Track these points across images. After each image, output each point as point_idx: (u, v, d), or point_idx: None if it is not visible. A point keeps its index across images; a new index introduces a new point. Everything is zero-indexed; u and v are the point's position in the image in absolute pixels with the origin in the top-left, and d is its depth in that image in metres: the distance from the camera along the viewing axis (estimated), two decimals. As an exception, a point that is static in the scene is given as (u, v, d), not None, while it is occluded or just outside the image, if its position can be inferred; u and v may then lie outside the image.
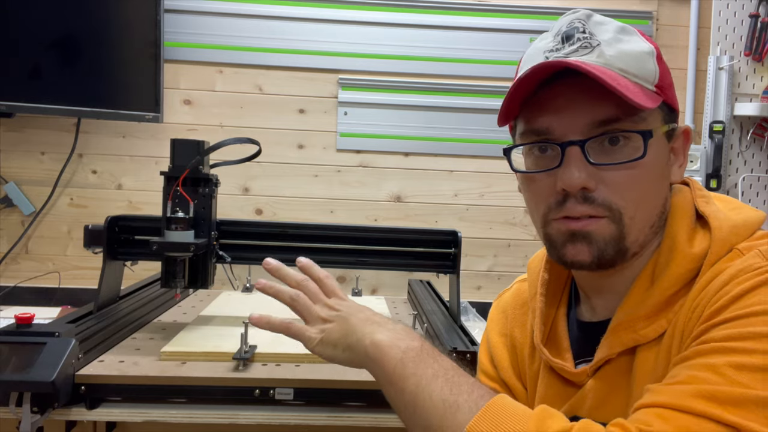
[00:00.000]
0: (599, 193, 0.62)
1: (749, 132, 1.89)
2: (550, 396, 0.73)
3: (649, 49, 0.64)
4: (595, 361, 0.67)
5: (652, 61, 0.64)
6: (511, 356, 0.82)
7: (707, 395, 0.50)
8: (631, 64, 0.62)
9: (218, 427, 1.01)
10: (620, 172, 0.62)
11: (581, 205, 0.62)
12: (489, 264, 1.90)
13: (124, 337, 1.17)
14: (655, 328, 0.62)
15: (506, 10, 1.86)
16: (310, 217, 1.86)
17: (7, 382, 0.89)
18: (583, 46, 0.63)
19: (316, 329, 0.73)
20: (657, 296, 0.63)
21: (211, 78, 1.83)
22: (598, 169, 0.62)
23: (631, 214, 0.63)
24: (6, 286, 1.77)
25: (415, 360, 0.63)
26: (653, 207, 0.65)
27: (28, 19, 1.60)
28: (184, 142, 1.16)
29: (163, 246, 1.10)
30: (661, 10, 1.90)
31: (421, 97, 1.86)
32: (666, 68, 0.66)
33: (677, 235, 0.65)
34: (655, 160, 0.63)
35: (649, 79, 0.63)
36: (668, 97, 0.65)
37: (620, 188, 0.62)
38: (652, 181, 0.64)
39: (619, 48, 0.63)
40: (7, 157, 1.78)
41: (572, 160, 0.62)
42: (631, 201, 0.63)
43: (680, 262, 0.63)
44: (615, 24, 0.65)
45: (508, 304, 0.85)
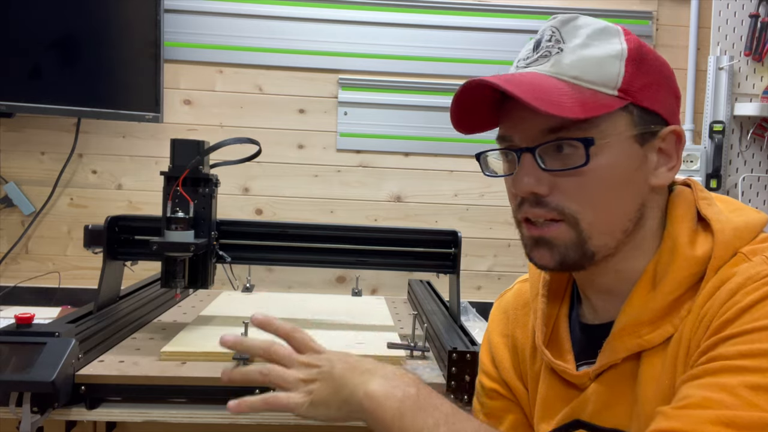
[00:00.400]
0: (552, 198, 0.64)
1: (749, 132, 1.89)
2: (550, 398, 0.73)
3: (617, 52, 0.63)
4: (598, 365, 0.66)
5: (617, 64, 0.63)
6: (512, 357, 0.81)
7: (726, 421, 0.50)
8: (587, 70, 0.63)
9: (218, 427, 1.01)
10: (570, 179, 0.63)
11: (535, 209, 0.65)
12: (489, 264, 1.90)
13: (124, 337, 1.17)
14: (660, 333, 0.62)
15: (506, 10, 1.86)
16: (310, 217, 1.86)
17: (7, 382, 0.89)
18: (543, 55, 0.65)
19: (301, 393, 0.67)
20: (660, 300, 0.63)
21: (211, 78, 1.83)
22: (553, 175, 0.63)
23: (589, 219, 0.63)
24: (6, 286, 1.77)
25: (413, 409, 0.62)
26: (618, 212, 0.64)
27: (28, 19, 1.60)
28: (184, 142, 1.16)
29: (163, 246, 1.10)
30: (661, 10, 1.90)
31: (421, 97, 1.86)
32: (645, 70, 0.64)
33: (678, 237, 0.64)
34: (613, 165, 0.63)
35: (608, 84, 0.62)
36: (640, 99, 0.63)
37: (573, 194, 0.63)
38: (611, 186, 0.63)
39: (580, 54, 0.63)
40: (7, 157, 1.78)
41: (524, 166, 0.64)
42: (585, 206, 0.63)
43: (682, 265, 0.62)
44: (593, 28, 0.65)
45: (510, 305, 0.84)
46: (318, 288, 1.86)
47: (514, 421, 0.80)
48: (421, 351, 1.13)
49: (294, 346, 0.71)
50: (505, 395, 0.81)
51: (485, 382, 0.83)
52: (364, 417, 0.65)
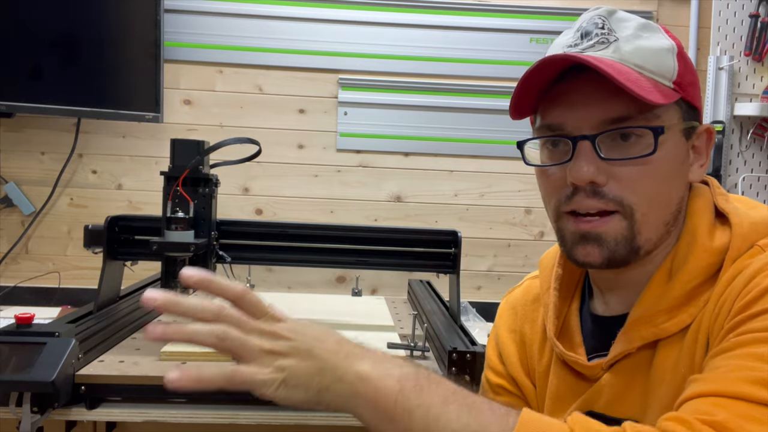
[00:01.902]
0: (610, 188, 0.62)
1: (749, 132, 1.89)
2: (562, 390, 0.73)
3: (669, 45, 0.64)
4: (612, 355, 0.66)
5: (671, 57, 0.64)
6: (520, 352, 0.81)
7: (761, 381, 0.50)
8: (648, 59, 0.63)
9: (218, 427, 1.01)
10: (631, 168, 0.62)
11: (590, 200, 0.62)
12: (489, 264, 1.90)
13: (124, 337, 1.17)
14: (676, 322, 0.62)
15: (506, 10, 1.86)
16: (310, 217, 1.86)
17: (7, 382, 0.89)
18: (600, 41, 0.63)
19: (269, 369, 0.54)
20: (677, 289, 0.63)
21: (211, 78, 1.83)
22: (610, 165, 0.62)
23: (644, 210, 0.63)
24: (6, 286, 1.77)
25: (416, 388, 0.55)
26: (667, 204, 0.65)
27: (28, 19, 1.60)
28: (184, 142, 1.16)
29: (163, 246, 1.10)
30: (661, 10, 1.90)
31: (421, 97, 1.86)
32: (688, 66, 0.66)
33: (697, 230, 0.65)
34: (668, 157, 0.63)
35: (666, 76, 0.63)
36: (688, 95, 0.65)
37: (631, 184, 0.62)
38: (665, 178, 0.64)
39: (638, 44, 0.63)
40: (7, 157, 1.78)
41: (582, 154, 0.62)
42: (643, 197, 0.62)
43: (700, 256, 0.63)
44: (637, 21, 0.66)
45: (518, 301, 0.85)
46: (318, 288, 1.86)
47: None
48: (421, 351, 1.13)
49: (247, 312, 0.57)
50: (511, 391, 0.81)
51: (491, 378, 0.83)
52: (352, 405, 0.56)
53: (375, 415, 0.55)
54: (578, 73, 0.63)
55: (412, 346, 1.12)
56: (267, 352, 0.55)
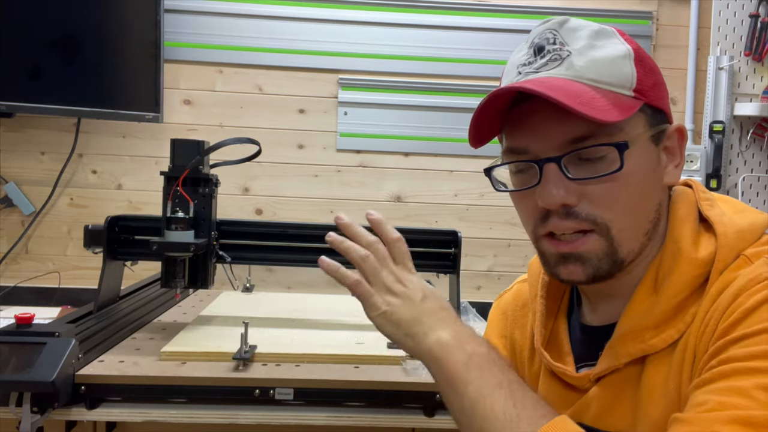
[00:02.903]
0: (582, 208, 0.62)
1: (749, 132, 1.89)
2: (550, 400, 0.71)
3: (624, 52, 0.62)
4: (600, 369, 0.66)
5: (628, 64, 0.61)
6: (510, 358, 0.81)
7: (741, 421, 0.49)
8: (603, 72, 0.61)
9: (218, 427, 1.01)
10: (601, 186, 0.61)
11: (564, 221, 0.62)
12: (489, 264, 1.90)
13: (124, 337, 1.17)
14: (663, 338, 0.61)
15: (506, 10, 1.86)
16: (310, 217, 1.86)
17: (7, 382, 0.89)
18: (553, 58, 0.62)
19: (382, 299, 0.66)
20: (664, 304, 0.62)
21: (211, 78, 1.83)
22: (580, 184, 0.61)
23: (620, 225, 0.62)
24: (6, 286, 1.77)
25: (480, 366, 0.61)
26: (644, 214, 0.64)
27: (28, 18, 1.60)
28: (184, 142, 1.16)
29: (163, 246, 1.10)
30: (661, 10, 1.90)
31: (421, 97, 1.86)
32: (648, 68, 0.63)
33: (681, 239, 0.63)
34: (638, 168, 0.62)
35: (625, 85, 0.61)
36: (652, 99, 0.63)
37: (603, 201, 0.61)
38: (638, 189, 0.62)
39: (591, 56, 0.61)
40: (7, 157, 1.78)
41: (550, 178, 0.61)
42: (617, 212, 0.62)
43: (685, 269, 0.62)
44: (590, 29, 0.63)
45: (509, 306, 0.84)
46: (318, 288, 1.85)
47: None
48: (421, 351, 1.13)
49: (393, 254, 0.71)
50: None
51: None
52: (426, 359, 0.64)
53: (440, 374, 0.63)
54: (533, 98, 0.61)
55: (412, 346, 1.12)
56: (386, 287, 0.67)
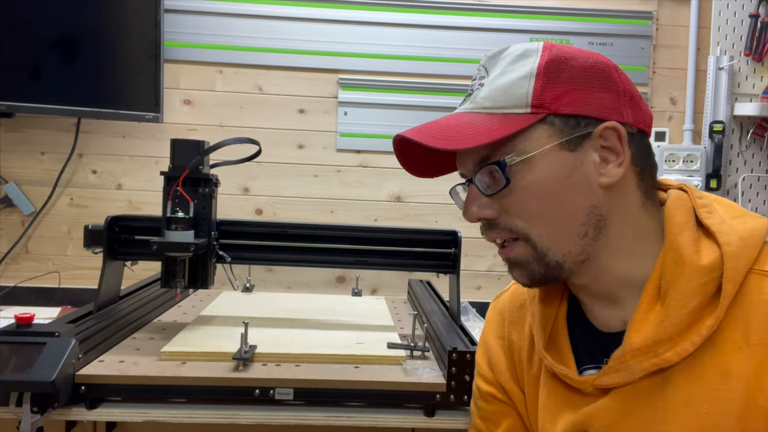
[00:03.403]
0: (502, 219, 0.67)
1: (749, 132, 1.89)
2: (552, 403, 0.72)
3: (526, 72, 0.65)
4: (611, 382, 0.65)
5: (526, 83, 0.65)
6: (508, 359, 0.81)
7: None
8: (498, 98, 0.66)
9: (218, 427, 1.01)
10: (509, 199, 0.66)
11: (489, 232, 0.69)
12: (489, 264, 1.90)
13: (124, 337, 1.17)
14: (677, 351, 0.61)
15: (506, 10, 1.86)
16: (310, 217, 1.86)
17: (7, 382, 0.89)
18: (468, 94, 0.71)
19: None
20: (674, 316, 0.61)
21: (211, 78, 1.83)
22: (497, 199, 0.67)
23: (538, 231, 0.66)
24: (6, 286, 1.77)
25: None
26: (565, 220, 0.65)
27: (28, 18, 1.60)
28: (184, 142, 1.16)
29: (163, 246, 1.10)
30: (661, 10, 1.90)
31: (421, 97, 1.86)
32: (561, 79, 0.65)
33: (682, 247, 0.63)
34: (544, 176, 0.64)
35: (519, 104, 0.65)
36: (559, 108, 0.64)
37: (515, 212, 0.66)
38: (545, 197, 0.65)
39: (494, 85, 0.67)
40: (7, 157, 1.78)
41: (469, 196, 0.70)
42: (531, 221, 0.66)
43: (690, 276, 0.61)
44: (515, 54, 0.68)
45: (506, 306, 0.84)
46: (318, 288, 1.86)
47: (511, 425, 0.79)
48: (421, 351, 1.13)
49: None
50: (501, 399, 0.81)
51: (481, 385, 0.83)
52: None
53: None
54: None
55: (412, 346, 1.13)
56: None
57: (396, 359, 1.09)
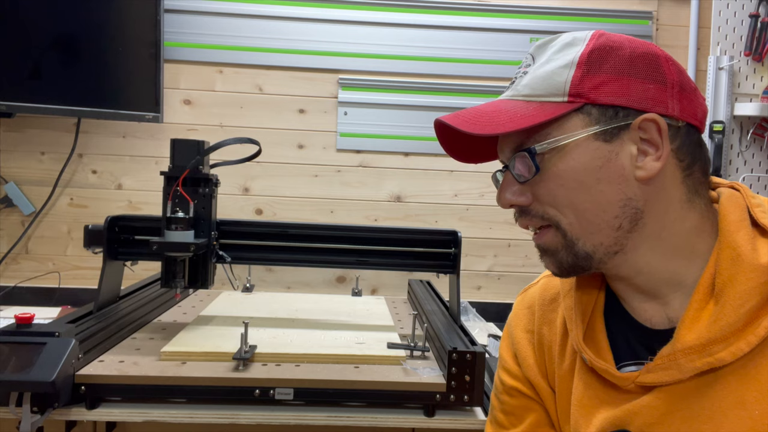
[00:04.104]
0: (534, 206, 0.68)
1: (749, 132, 1.89)
2: (588, 398, 0.71)
3: (567, 61, 0.65)
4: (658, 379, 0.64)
5: (566, 72, 0.65)
6: (537, 354, 0.79)
7: None
8: (537, 87, 0.66)
9: (218, 427, 1.01)
10: (542, 186, 0.66)
11: (522, 219, 0.70)
12: (489, 264, 1.90)
13: (124, 337, 1.17)
14: (733, 351, 0.60)
15: (506, 10, 1.86)
16: (310, 217, 1.86)
17: (7, 382, 0.89)
18: (512, 81, 0.71)
19: None
20: (730, 315, 0.60)
21: (211, 78, 1.83)
22: (530, 185, 0.67)
23: (569, 219, 0.66)
24: (6, 286, 1.77)
25: None
26: (596, 210, 0.64)
27: (28, 19, 1.60)
28: (184, 142, 1.16)
29: (163, 246, 1.10)
30: (661, 10, 1.90)
31: (421, 97, 1.86)
32: (603, 68, 0.64)
33: (739, 246, 0.62)
34: (576, 166, 0.64)
35: (557, 93, 0.65)
36: (598, 97, 0.64)
37: (547, 199, 0.67)
38: (576, 187, 0.64)
39: (535, 73, 0.67)
40: (7, 157, 1.78)
41: (504, 182, 0.70)
42: (562, 209, 0.66)
43: (749, 276, 0.60)
44: (562, 42, 0.67)
45: (535, 300, 0.82)
46: (318, 288, 1.86)
47: (535, 420, 0.78)
48: (421, 351, 1.13)
49: None
50: (526, 393, 0.79)
51: (505, 379, 0.81)
52: None
53: None
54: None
55: (412, 346, 1.13)
56: None
57: (396, 359, 1.09)
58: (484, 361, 1.02)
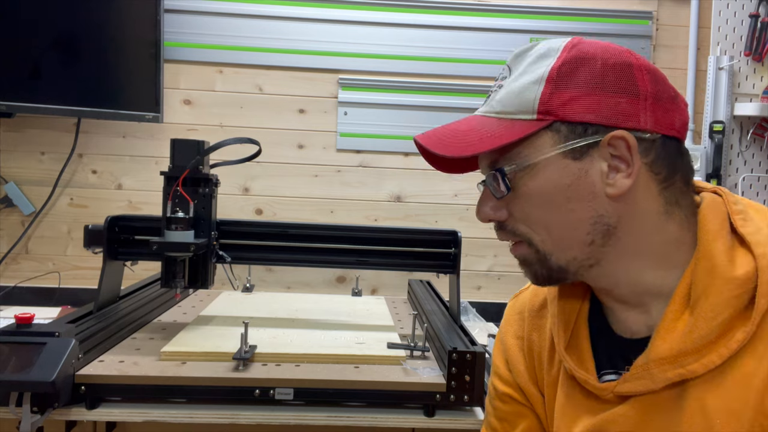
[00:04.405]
0: (509, 222, 0.69)
1: (749, 132, 1.89)
2: (569, 406, 0.71)
3: (537, 77, 0.63)
4: (631, 389, 0.64)
5: (535, 89, 0.63)
6: (527, 360, 0.79)
7: None
8: (508, 102, 0.66)
9: (218, 427, 1.01)
10: (514, 204, 0.67)
11: (499, 232, 0.71)
12: (489, 264, 1.90)
13: (124, 337, 1.17)
14: (704, 363, 0.59)
15: (506, 10, 1.86)
16: (310, 217, 1.86)
17: (7, 382, 0.89)
18: (488, 95, 0.70)
19: None
20: (703, 327, 0.59)
21: (211, 78, 1.83)
22: (505, 202, 0.68)
23: (540, 237, 0.66)
24: (6, 286, 1.77)
25: None
26: (567, 227, 0.64)
27: (28, 19, 1.60)
28: (184, 142, 1.16)
29: (163, 246, 1.10)
30: (661, 10, 1.90)
31: (421, 97, 1.86)
32: (572, 83, 0.63)
33: (715, 256, 0.61)
34: (546, 185, 0.64)
35: (527, 110, 0.64)
36: (566, 115, 0.62)
37: (518, 217, 0.67)
38: (545, 205, 0.65)
39: (508, 88, 0.66)
40: (7, 157, 1.78)
41: (482, 197, 0.70)
42: (531, 226, 0.67)
43: (723, 288, 0.59)
44: (538, 53, 0.66)
45: (526, 306, 0.82)
46: (318, 288, 1.86)
47: (528, 426, 0.78)
48: (421, 351, 1.13)
49: None
50: (518, 400, 0.79)
51: (498, 386, 0.82)
52: None
53: None
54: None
55: (412, 346, 1.13)
56: None
57: (396, 359, 1.09)
58: (484, 361, 1.02)
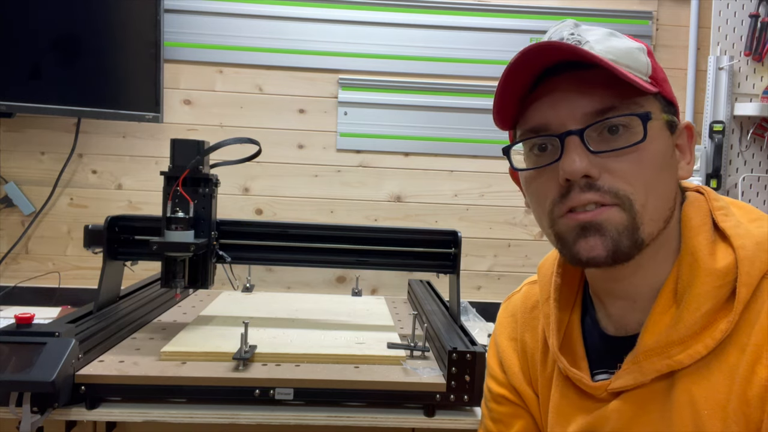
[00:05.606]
0: (604, 181, 0.60)
1: (749, 132, 1.89)
2: (564, 405, 0.71)
3: (638, 46, 0.64)
4: (622, 384, 0.64)
5: (643, 54, 0.63)
6: (521, 361, 0.80)
7: None
8: (622, 56, 0.61)
9: (218, 427, 1.01)
10: (624, 159, 0.60)
11: (586, 194, 0.60)
12: (489, 264, 1.90)
13: (124, 337, 1.17)
14: (690, 353, 0.60)
15: (506, 10, 1.86)
16: (310, 217, 1.86)
17: (7, 382, 0.89)
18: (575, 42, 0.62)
19: None
20: (688, 318, 0.60)
21: (211, 78, 1.83)
22: (601, 158, 0.60)
23: (642, 201, 0.60)
24: (6, 286, 1.77)
25: None
26: (664, 197, 0.63)
27: (28, 19, 1.60)
28: (184, 142, 1.16)
29: (163, 246, 1.10)
30: (661, 10, 1.90)
31: (421, 97, 1.86)
32: (658, 65, 0.65)
33: (697, 250, 0.62)
34: (659, 146, 0.62)
35: (642, 70, 0.62)
36: (664, 90, 0.64)
37: (626, 174, 0.60)
38: (659, 168, 0.62)
39: (609, 44, 0.62)
40: (7, 157, 1.78)
41: (572, 149, 0.60)
42: (639, 187, 0.60)
43: (704, 280, 0.61)
44: (603, 30, 0.65)
45: (518, 308, 0.83)
46: (318, 288, 1.86)
47: (523, 426, 0.79)
48: (421, 351, 1.13)
49: None
50: (513, 401, 0.80)
51: (493, 387, 0.82)
52: None
53: None
54: (552, 76, 0.63)
55: (412, 346, 1.13)
56: None
57: (396, 359, 1.09)
58: (484, 361, 1.02)
